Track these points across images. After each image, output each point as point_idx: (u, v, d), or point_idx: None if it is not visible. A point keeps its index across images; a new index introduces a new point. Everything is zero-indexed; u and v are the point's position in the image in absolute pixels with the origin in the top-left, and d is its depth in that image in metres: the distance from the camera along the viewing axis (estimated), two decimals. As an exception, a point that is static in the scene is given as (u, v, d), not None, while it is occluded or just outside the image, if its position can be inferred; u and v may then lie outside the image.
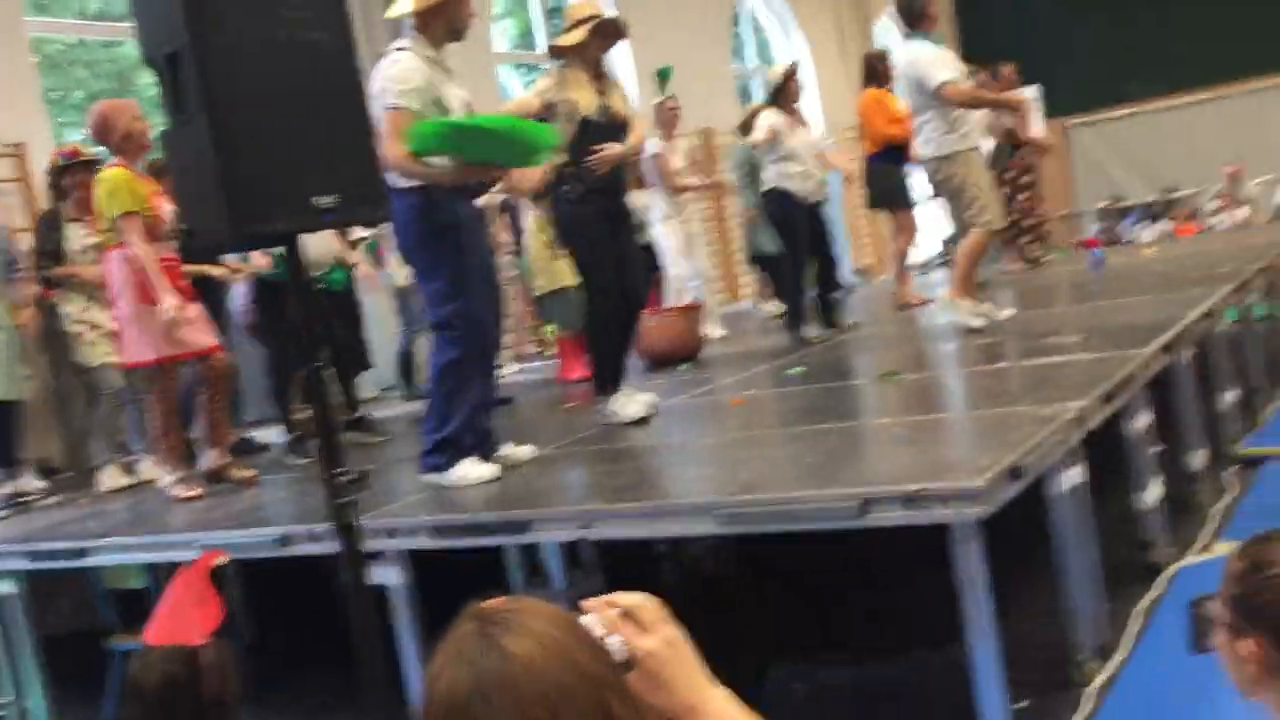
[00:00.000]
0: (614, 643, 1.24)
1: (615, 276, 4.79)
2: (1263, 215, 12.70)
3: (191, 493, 4.88)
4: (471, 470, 4.06)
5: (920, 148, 6.02)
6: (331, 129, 2.62)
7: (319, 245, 5.58)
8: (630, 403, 4.84)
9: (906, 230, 7.78)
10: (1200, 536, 4.44)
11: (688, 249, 7.90)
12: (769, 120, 6.93)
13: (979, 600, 2.86)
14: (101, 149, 5.22)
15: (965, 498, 2.81)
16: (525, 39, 11.95)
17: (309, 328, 2.62)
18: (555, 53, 4.90)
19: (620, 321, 4.89)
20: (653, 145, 7.50)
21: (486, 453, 4.23)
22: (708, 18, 13.41)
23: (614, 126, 4.79)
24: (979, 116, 8.49)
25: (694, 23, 12.80)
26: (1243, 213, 12.91)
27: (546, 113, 4.68)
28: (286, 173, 2.53)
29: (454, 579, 4.49)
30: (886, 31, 16.18)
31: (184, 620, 2.35)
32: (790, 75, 7.08)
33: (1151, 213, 14.38)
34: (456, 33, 4.16)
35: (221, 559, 3.16)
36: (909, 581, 4.40)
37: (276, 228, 2.51)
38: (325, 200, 2.55)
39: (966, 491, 2.81)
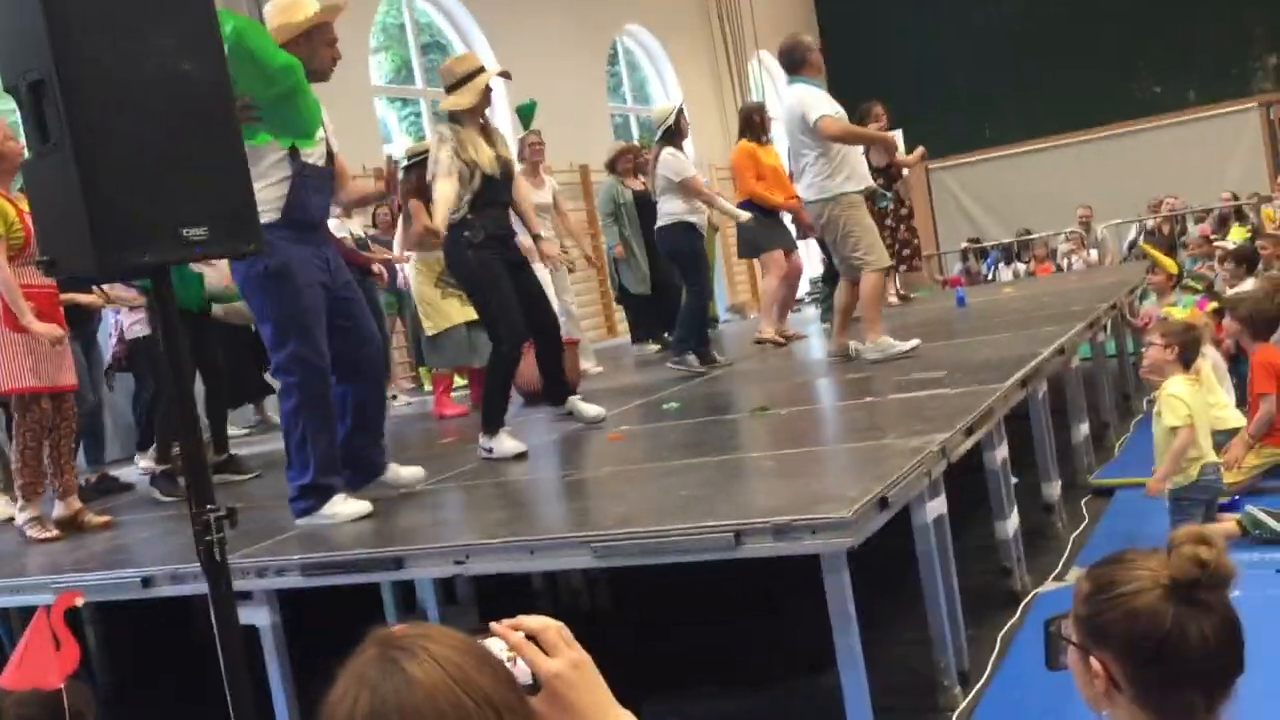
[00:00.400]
0: (519, 666, 1.25)
1: (524, 316, 4.91)
2: (1112, 256, 13.33)
3: (48, 534, 4.69)
4: (342, 508, 4.01)
5: (803, 191, 6.18)
6: (203, 160, 2.57)
7: (214, 275, 5.48)
8: (509, 441, 4.87)
9: (774, 270, 7.95)
10: (1057, 564, 4.64)
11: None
12: (680, 158, 7.07)
13: (848, 628, 2.94)
14: None
15: (834, 528, 2.88)
16: (401, 73, 11.90)
17: (177, 361, 2.56)
18: (451, 115, 4.96)
19: (545, 349, 5.17)
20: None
21: (366, 480, 4.24)
22: (584, 56, 13.57)
23: (507, 176, 4.98)
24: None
25: (571, 61, 12.92)
26: (1093, 254, 13.55)
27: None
28: (155, 203, 2.47)
29: (328, 617, 4.42)
30: (761, 72, 16.60)
31: (40, 664, 2.26)
32: (680, 113, 7.25)
33: (1009, 253, 14.97)
34: (317, 75, 4.08)
35: (77, 600, 3.05)
36: (784, 610, 4.49)
37: (144, 259, 2.45)
38: (196, 232, 2.50)
39: (835, 522, 2.88)
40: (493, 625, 1.31)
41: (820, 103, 6.00)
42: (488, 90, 4.95)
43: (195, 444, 2.69)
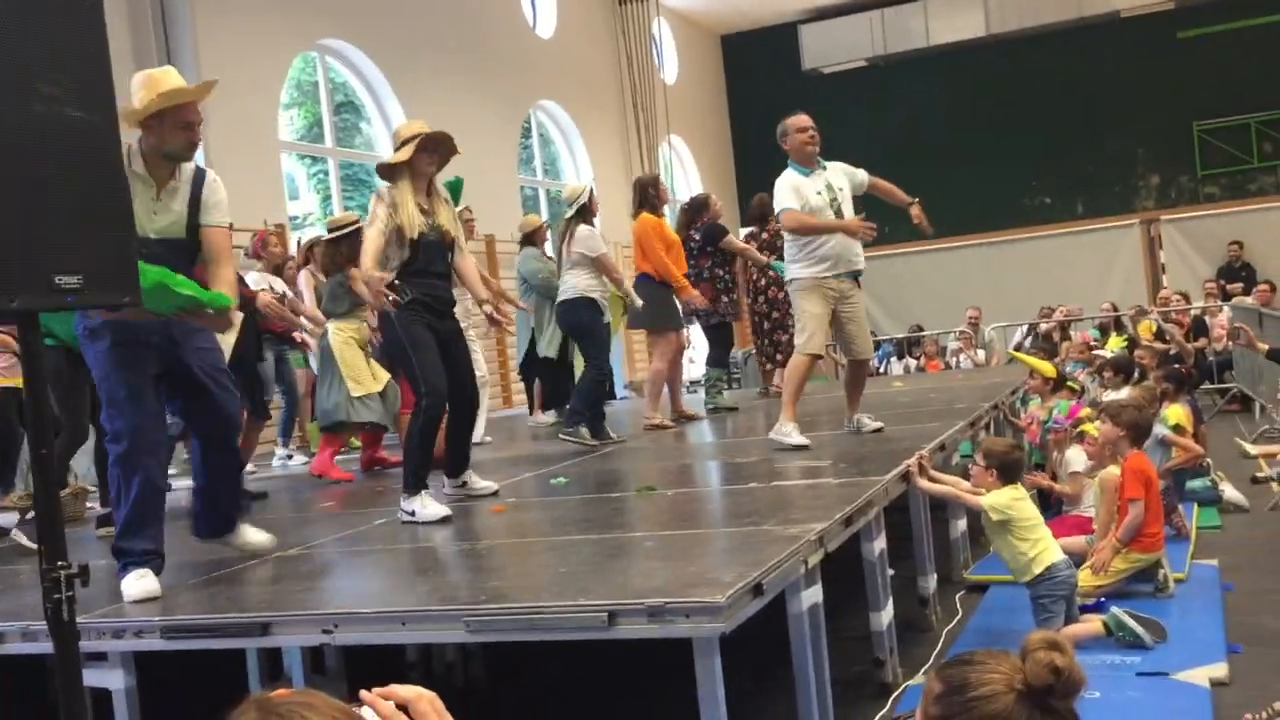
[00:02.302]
0: None
1: (447, 381, 4.92)
2: (998, 357, 13.74)
3: None
4: (133, 585, 3.78)
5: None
6: (83, 208, 2.52)
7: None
8: (432, 504, 4.83)
9: (665, 352, 8.01)
10: (929, 656, 4.70)
11: None
12: (595, 234, 7.19)
13: (716, 714, 2.93)
14: None
15: (707, 613, 2.89)
16: (312, 130, 11.84)
17: (41, 409, 2.48)
18: (382, 173, 5.01)
19: (457, 421, 5.20)
20: None
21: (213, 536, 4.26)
22: (498, 128, 13.68)
23: (443, 243, 5.02)
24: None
25: (484, 131, 13.01)
26: (980, 354, 13.95)
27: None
28: (28, 249, 2.40)
29: (187, 682, 4.26)
30: (671, 155, 16.89)
31: None
32: (592, 193, 7.36)
33: (900, 348, 15.34)
34: (170, 155, 3.97)
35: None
36: (658, 692, 4.46)
37: (11, 305, 2.37)
38: (69, 280, 2.44)
39: (709, 607, 2.89)
40: (363, 694, 1.29)
41: (782, 194, 6.18)
42: (430, 151, 4.98)
43: (52, 494, 2.59)
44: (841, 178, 6.37)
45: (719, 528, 4.29)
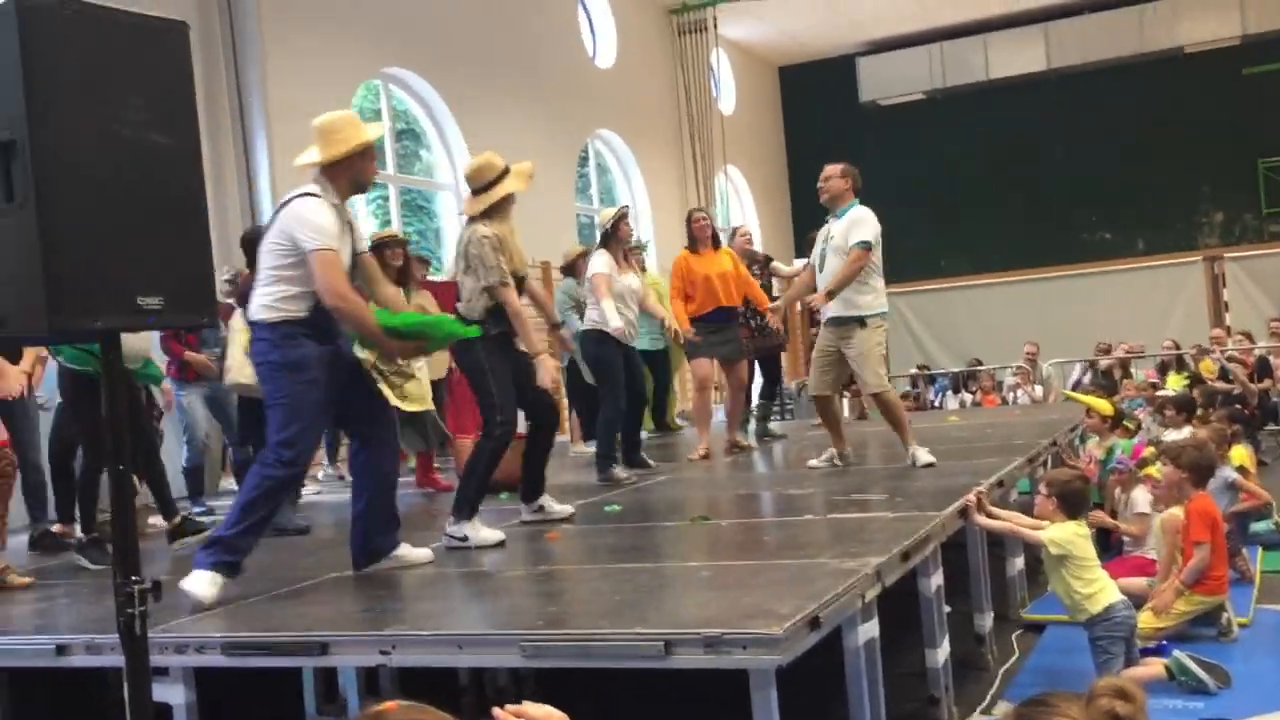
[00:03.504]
0: None
1: (532, 405, 5.13)
2: (1055, 394, 13.57)
3: None
4: (205, 586, 3.99)
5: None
6: (165, 231, 2.59)
7: (134, 339, 5.44)
8: (485, 529, 4.87)
9: (694, 383, 8.04)
10: (985, 695, 4.64)
11: None
12: (600, 260, 7.10)
13: (772, 747, 2.91)
14: None
15: (764, 644, 2.88)
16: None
17: (118, 428, 2.54)
18: (474, 210, 5.10)
19: (538, 446, 5.36)
20: None
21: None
22: (555, 158, 13.80)
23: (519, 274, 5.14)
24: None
25: (542, 159, 13.11)
26: (1038, 390, 13.79)
27: None
28: (113, 270, 2.48)
29: (244, 699, 4.31)
30: (727, 186, 16.94)
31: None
32: (621, 218, 7.29)
33: (956, 382, 15.20)
34: (362, 187, 4.45)
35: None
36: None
37: (96, 324, 2.45)
38: (151, 301, 2.51)
39: (766, 639, 2.88)
40: (496, 711, 1.30)
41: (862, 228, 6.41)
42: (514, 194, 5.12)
43: (126, 510, 2.65)
44: (844, 232, 6.36)
45: (775, 559, 4.28)
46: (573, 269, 9.10)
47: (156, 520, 6.08)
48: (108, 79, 2.53)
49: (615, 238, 7.18)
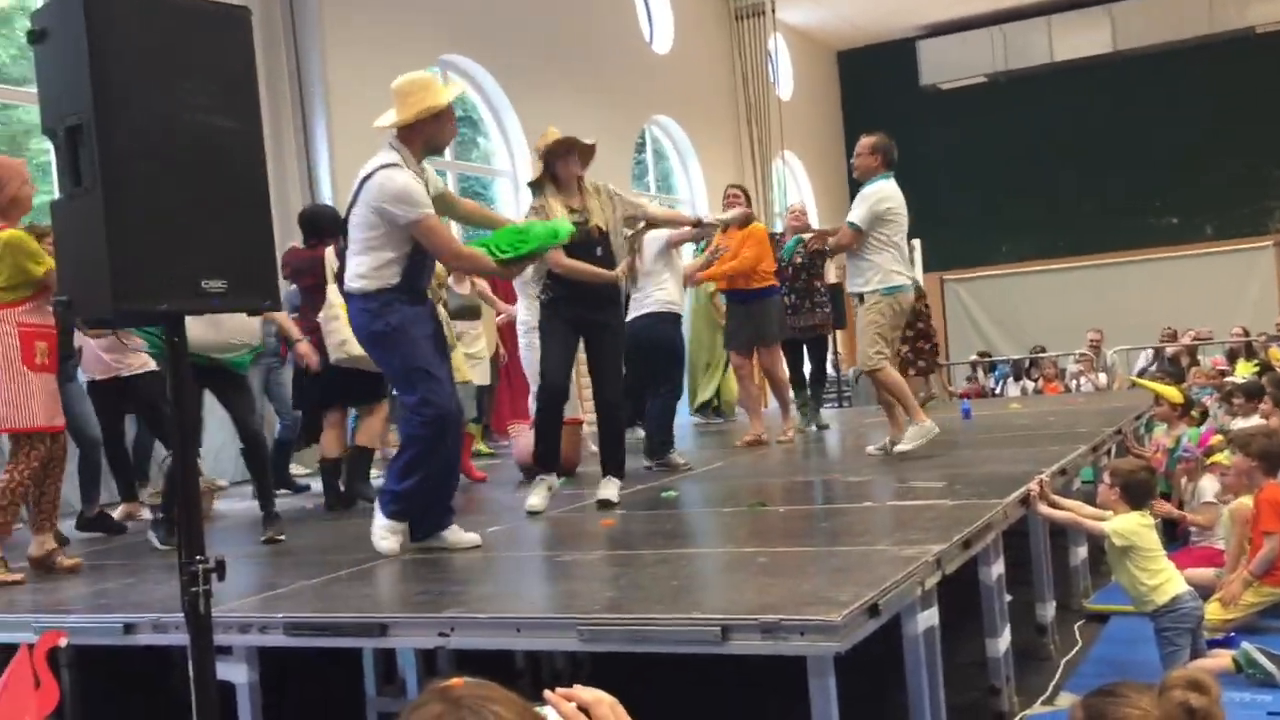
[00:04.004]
0: None
1: (564, 377, 5.32)
2: (1120, 381, 13.35)
3: (11, 578, 4.58)
4: (384, 539, 4.42)
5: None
6: (229, 215, 2.63)
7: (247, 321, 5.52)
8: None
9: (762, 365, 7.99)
10: (1047, 686, 4.57)
11: None
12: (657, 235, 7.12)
13: (830, 735, 2.89)
14: None
15: (822, 631, 2.86)
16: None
17: (185, 409, 2.58)
18: (535, 188, 5.36)
19: (603, 425, 5.53)
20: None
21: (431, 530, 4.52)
22: (612, 145, 13.78)
23: (591, 239, 5.19)
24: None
25: (599, 149, 13.11)
26: (1102, 378, 13.57)
27: None
28: (178, 254, 2.52)
29: (304, 679, 4.37)
30: (784, 171, 16.83)
31: (18, 702, 2.25)
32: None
33: (1018, 369, 15.00)
34: (437, 149, 4.59)
35: (61, 640, 3.03)
36: (767, 711, 4.43)
37: (161, 307, 2.48)
38: (215, 284, 2.55)
39: (824, 625, 2.86)
40: (547, 694, 1.31)
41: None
42: (564, 157, 5.30)
43: (192, 490, 2.69)
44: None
45: (833, 546, 4.25)
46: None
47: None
48: (172, 65, 2.57)
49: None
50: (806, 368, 8.89)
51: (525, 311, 7.69)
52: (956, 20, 18.40)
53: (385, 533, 4.44)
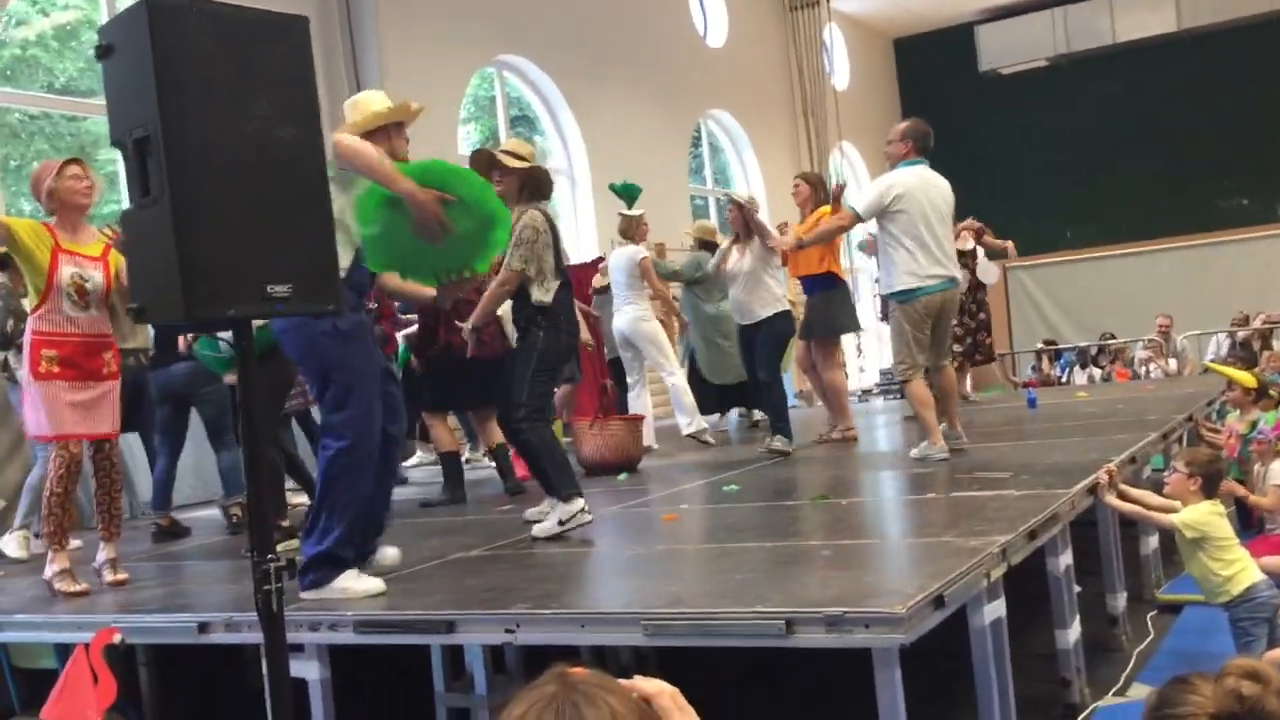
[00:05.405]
0: None
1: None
2: (1191, 367, 13.08)
3: (77, 588, 4.52)
4: (355, 584, 3.84)
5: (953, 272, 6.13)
6: (292, 221, 2.68)
7: None
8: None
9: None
10: (1119, 678, 4.51)
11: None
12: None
13: (897, 727, 2.88)
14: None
15: (888, 623, 2.84)
16: (488, 143, 12.19)
17: (252, 412, 2.63)
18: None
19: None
20: (637, 250, 7.94)
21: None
22: (668, 139, 13.80)
23: None
24: None
25: (655, 141, 13.16)
26: (1172, 364, 13.31)
27: None
28: (244, 260, 2.58)
29: (375, 675, 4.43)
30: (842, 162, 16.72)
31: (79, 697, 2.31)
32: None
33: (1084, 357, 14.76)
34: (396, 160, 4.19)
35: (115, 636, 3.11)
36: (833, 704, 4.42)
37: (230, 313, 2.54)
38: (280, 289, 2.60)
39: (889, 617, 2.85)
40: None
41: None
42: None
43: (261, 491, 2.75)
44: None
45: (896, 538, 4.23)
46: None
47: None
48: (235, 75, 2.62)
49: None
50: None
51: (636, 307, 7.83)
52: (1015, 4, 18.14)
53: (349, 584, 3.85)
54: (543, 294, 4.72)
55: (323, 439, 3.92)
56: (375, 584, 3.88)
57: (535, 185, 4.91)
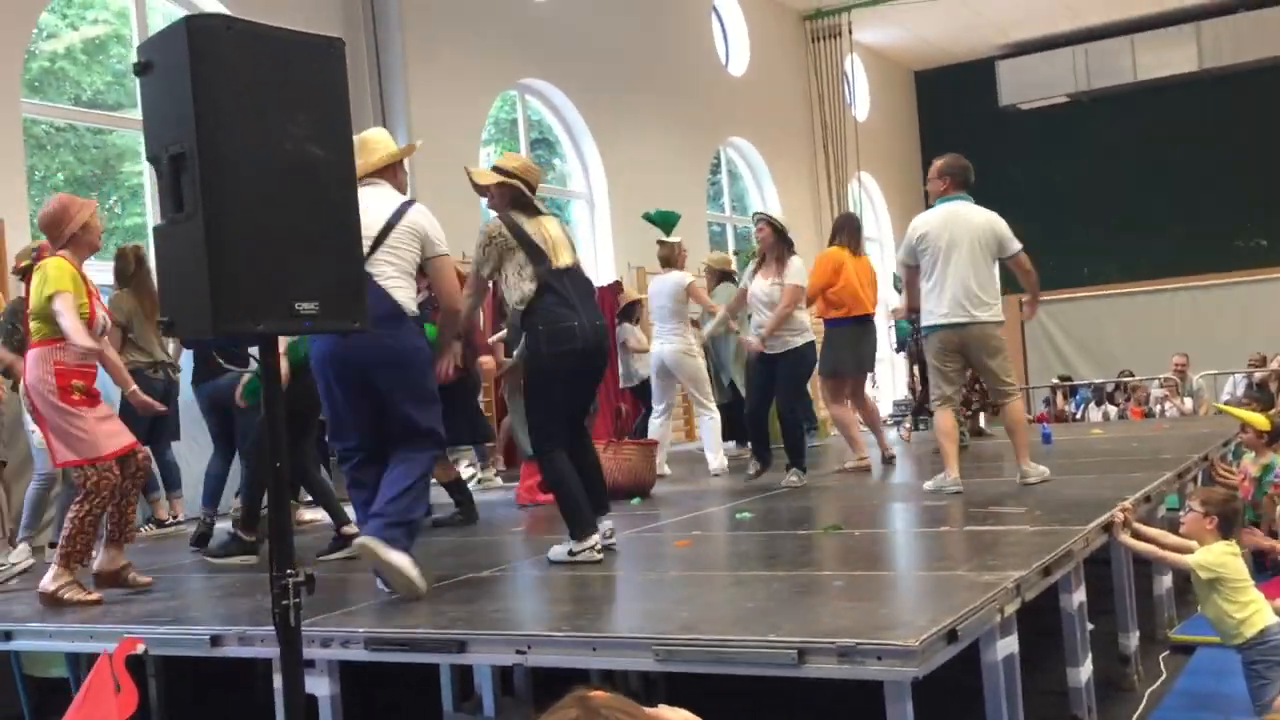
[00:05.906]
0: None
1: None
2: (1206, 407, 13.03)
3: (89, 597, 4.56)
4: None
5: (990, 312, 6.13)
6: (321, 240, 2.71)
7: None
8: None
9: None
10: (1130, 718, 4.48)
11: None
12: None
13: (907, 761, 2.88)
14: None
15: (900, 656, 2.84)
16: (509, 167, 12.25)
17: (276, 427, 2.66)
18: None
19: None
20: (683, 276, 8.03)
21: None
22: (687, 166, 13.86)
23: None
24: None
25: (674, 167, 13.22)
26: (1188, 403, 13.26)
27: None
28: (274, 276, 2.61)
29: (381, 693, 4.43)
30: (860, 193, 16.75)
31: (100, 707, 2.33)
32: None
33: (1099, 394, 14.71)
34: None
35: (138, 647, 3.12)
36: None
37: (258, 328, 2.57)
38: (308, 306, 2.63)
39: (901, 650, 2.84)
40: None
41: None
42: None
43: (282, 506, 2.77)
44: None
45: (910, 570, 4.22)
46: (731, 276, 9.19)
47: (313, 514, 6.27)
48: (270, 95, 2.66)
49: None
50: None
51: (682, 340, 7.87)
52: (1036, 40, 18.19)
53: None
54: (512, 296, 4.77)
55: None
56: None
57: (511, 196, 5.03)
